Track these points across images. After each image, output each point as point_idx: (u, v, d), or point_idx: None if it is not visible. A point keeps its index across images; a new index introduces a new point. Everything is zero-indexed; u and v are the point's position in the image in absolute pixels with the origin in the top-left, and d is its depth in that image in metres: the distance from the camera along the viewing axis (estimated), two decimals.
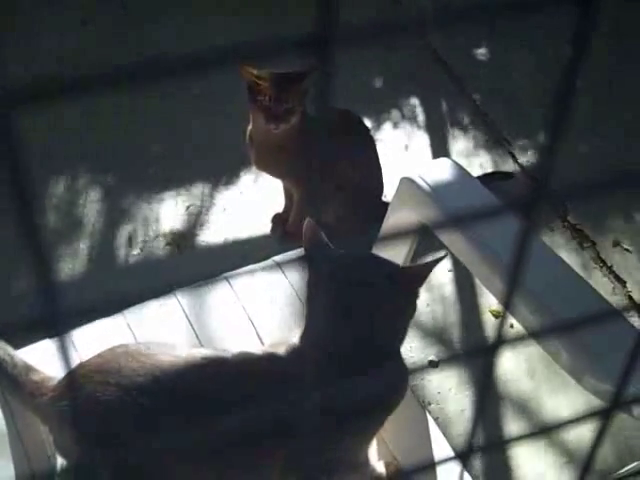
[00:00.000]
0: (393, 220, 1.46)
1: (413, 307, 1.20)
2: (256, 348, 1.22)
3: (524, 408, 2.01)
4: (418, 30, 0.22)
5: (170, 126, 2.59)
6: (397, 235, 0.92)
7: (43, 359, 1.24)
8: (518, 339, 0.43)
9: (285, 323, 1.48)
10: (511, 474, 1.89)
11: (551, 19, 2.93)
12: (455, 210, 1.30)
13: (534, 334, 0.97)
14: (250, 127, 2.07)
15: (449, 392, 2.01)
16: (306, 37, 0.20)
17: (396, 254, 1.49)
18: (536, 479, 1.89)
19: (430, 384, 2.02)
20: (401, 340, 1.21)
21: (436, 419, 1.92)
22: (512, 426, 1.96)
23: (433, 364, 2.06)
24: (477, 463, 1.88)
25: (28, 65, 2.74)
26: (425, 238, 1.46)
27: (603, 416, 0.32)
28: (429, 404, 1.98)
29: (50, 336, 1.36)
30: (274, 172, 2.17)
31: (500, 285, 1.22)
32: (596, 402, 1.10)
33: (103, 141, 2.53)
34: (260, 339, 1.46)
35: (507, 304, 0.31)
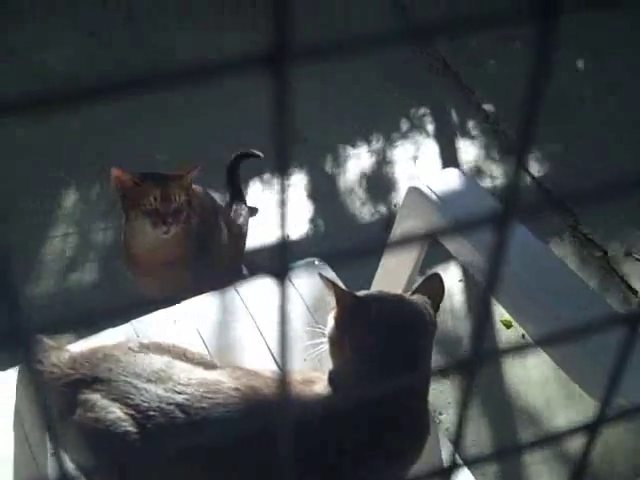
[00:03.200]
0: (400, 230, 1.46)
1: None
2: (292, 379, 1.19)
3: (536, 417, 2.00)
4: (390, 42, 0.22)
5: (174, 135, 2.59)
6: (404, 246, 0.92)
7: None
8: (521, 348, 0.43)
9: (295, 335, 1.47)
10: None
11: (562, 28, 2.92)
12: (462, 220, 1.29)
13: (540, 342, 0.96)
14: (125, 245, 1.87)
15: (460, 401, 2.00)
16: (258, 55, 0.20)
17: (404, 265, 1.49)
18: None
19: (441, 394, 2.01)
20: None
21: (447, 429, 1.92)
22: (522, 433, 1.96)
23: (444, 374, 2.05)
24: (489, 471, 1.87)
25: (37, 77, 2.76)
26: (434, 248, 1.45)
27: (590, 430, 0.32)
28: (440, 414, 1.97)
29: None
30: (169, 284, 1.91)
31: (508, 293, 1.22)
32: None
33: (107, 149, 2.52)
34: (270, 351, 1.46)
35: (491, 292, 0.31)
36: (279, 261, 0.23)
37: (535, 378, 2.05)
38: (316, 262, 1.62)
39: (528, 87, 0.23)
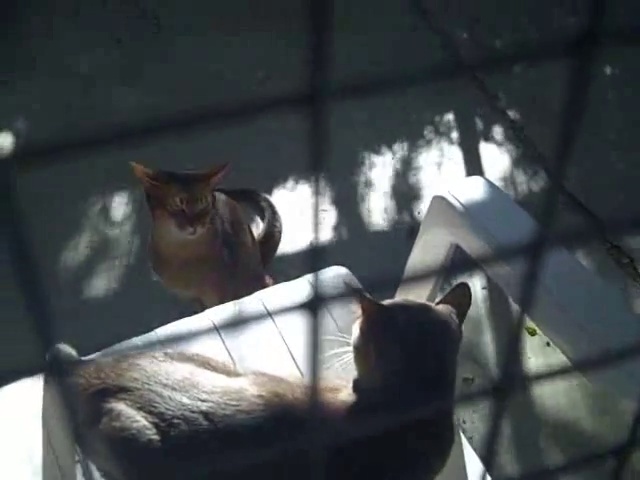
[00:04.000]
0: (425, 238, 1.45)
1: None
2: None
3: (564, 435, 1.98)
4: (425, 79, 0.22)
5: (204, 144, 2.59)
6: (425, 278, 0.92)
7: None
8: (558, 372, 0.42)
9: (320, 345, 1.47)
10: None
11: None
12: (487, 229, 1.29)
13: (575, 363, 0.96)
14: (151, 243, 1.88)
15: (483, 410, 1.99)
16: (295, 94, 0.20)
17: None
18: None
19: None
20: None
21: (470, 438, 1.91)
22: (551, 454, 1.94)
23: (467, 381, 2.04)
24: None
25: (66, 81, 2.78)
26: (458, 256, 1.45)
27: (617, 455, 0.31)
28: (464, 422, 1.96)
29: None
30: (194, 283, 1.93)
31: (539, 309, 1.21)
32: None
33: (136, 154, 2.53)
34: (293, 358, 1.46)
35: (527, 313, 0.31)
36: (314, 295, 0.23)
37: (562, 389, 2.04)
38: (340, 270, 1.62)
39: (564, 117, 0.23)
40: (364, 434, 1.11)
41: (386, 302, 1.22)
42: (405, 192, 2.54)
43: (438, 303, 1.24)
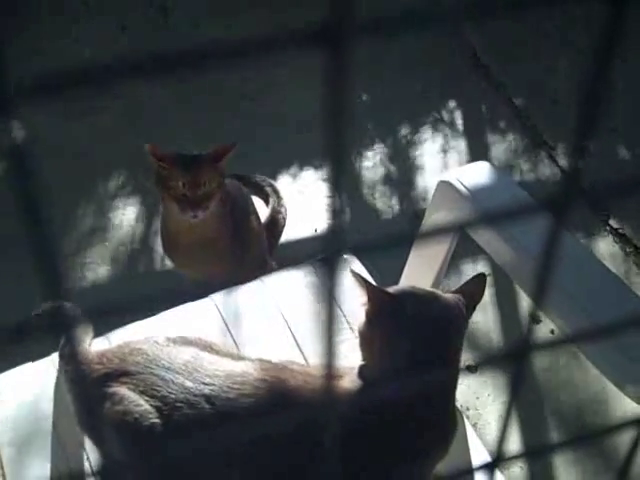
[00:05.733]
0: (430, 223, 1.45)
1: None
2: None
3: (563, 415, 1.98)
4: (447, 22, 0.21)
5: (202, 126, 2.58)
6: (434, 238, 0.92)
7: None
8: (553, 343, 0.42)
9: (322, 329, 1.46)
10: None
11: (596, 20, 2.89)
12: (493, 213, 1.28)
13: (573, 339, 0.95)
14: (161, 225, 1.89)
15: (487, 397, 1.98)
16: (316, 31, 0.19)
17: (434, 258, 1.48)
18: None
19: (468, 389, 2.00)
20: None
21: (474, 424, 1.90)
22: (551, 433, 1.94)
23: (471, 369, 2.04)
24: (515, 470, 1.86)
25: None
26: (463, 242, 1.44)
27: (638, 425, 0.31)
28: (467, 409, 1.96)
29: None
30: (202, 266, 1.92)
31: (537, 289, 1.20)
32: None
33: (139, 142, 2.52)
34: (297, 343, 1.46)
35: (538, 305, 0.30)
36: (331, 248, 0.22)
37: (563, 375, 2.03)
38: (343, 255, 1.61)
39: (588, 86, 0.22)
40: (367, 420, 1.11)
41: (393, 289, 1.21)
42: (410, 179, 2.53)
43: (454, 292, 1.23)
